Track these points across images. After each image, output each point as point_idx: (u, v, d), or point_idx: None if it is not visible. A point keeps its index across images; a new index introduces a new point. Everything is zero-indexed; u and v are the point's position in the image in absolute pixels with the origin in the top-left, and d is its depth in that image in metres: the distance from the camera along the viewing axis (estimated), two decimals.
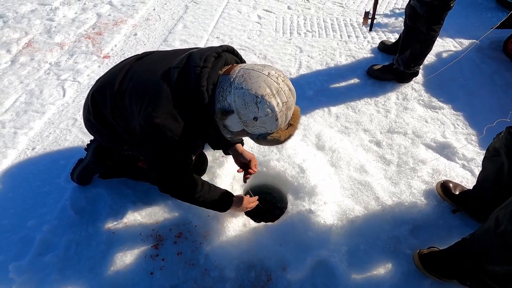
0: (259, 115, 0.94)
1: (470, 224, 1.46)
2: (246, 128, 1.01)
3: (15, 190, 1.65)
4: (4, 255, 1.39)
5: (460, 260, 1.18)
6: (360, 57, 2.45)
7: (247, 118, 0.96)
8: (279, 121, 0.96)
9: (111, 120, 1.26)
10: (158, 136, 1.03)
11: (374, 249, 1.37)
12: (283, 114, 0.96)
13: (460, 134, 1.85)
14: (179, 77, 1.05)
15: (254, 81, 0.94)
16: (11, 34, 2.79)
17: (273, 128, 0.98)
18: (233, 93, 0.95)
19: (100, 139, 1.45)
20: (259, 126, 0.97)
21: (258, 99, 0.92)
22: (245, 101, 0.93)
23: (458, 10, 2.93)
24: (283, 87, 0.95)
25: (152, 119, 1.01)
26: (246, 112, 0.95)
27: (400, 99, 2.10)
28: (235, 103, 0.95)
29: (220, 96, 1.00)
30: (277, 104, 0.93)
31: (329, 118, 1.99)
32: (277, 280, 1.31)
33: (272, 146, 1.07)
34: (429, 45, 2.01)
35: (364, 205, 1.53)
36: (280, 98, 0.94)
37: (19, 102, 2.16)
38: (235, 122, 1.00)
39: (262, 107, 0.92)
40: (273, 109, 0.93)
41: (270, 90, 0.93)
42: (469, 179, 1.63)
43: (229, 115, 0.99)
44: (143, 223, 1.48)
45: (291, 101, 0.98)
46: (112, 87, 1.19)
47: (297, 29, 2.79)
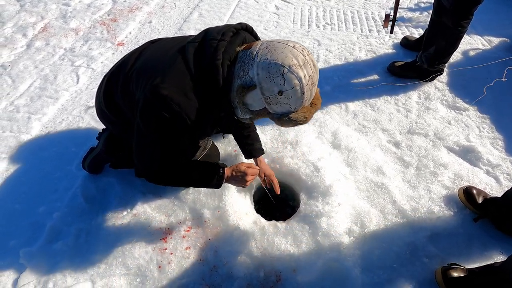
0: (285, 87, 0.88)
1: (492, 234, 1.38)
2: (268, 107, 0.94)
3: (27, 175, 1.66)
4: (16, 240, 1.40)
5: (488, 286, 1.11)
6: (381, 53, 2.34)
7: (271, 93, 0.90)
8: (305, 96, 0.90)
9: (122, 106, 1.24)
10: (163, 109, 0.94)
11: (389, 255, 1.32)
12: (309, 88, 0.90)
13: (486, 138, 1.75)
14: (194, 52, 0.99)
15: (280, 52, 0.88)
16: (27, 18, 2.79)
17: (298, 104, 0.92)
18: (256, 65, 0.89)
19: (111, 128, 1.43)
20: (283, 103, 0.91)
21: (284, 70, 0.86)
22: (270, 73, 0.88)
23: (488, 6, 2.77)
24: (309, 60, 0.90)
25: (158, 90, 0.94)
26: (270, 86, 0.89)
27: (422, 99, 2.00)
28: (259, 76, 0.89)
29: (241, 71, 0.93)
30: (304, 76, 0.88)
31: (346, 116, 1.91)
32: (286, 281, 1.27)
33: (294, 127, 1.00)
34: (456, 42, 1.89)
35: (380, 209, 1.47)
36: (306, 70, 0.88)
37: (34, 87, 2.16)
38: (257, 99, 0.94)
39: (289, 78, 0.87)
40: (300, 80, 0.87)
41: (297, 61, 0.87)
42: (493, 186, 1.55)
43: (251, 90, 0.92)
44: (153, 215, 1.46)
45: (316, 77, 0.92)
46: (125, 68, 1.17)
47: (315, 21, 2.69)
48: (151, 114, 0.99)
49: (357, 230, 1.39)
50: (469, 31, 2.47)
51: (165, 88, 0.94)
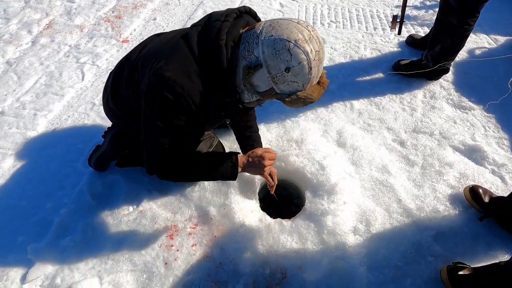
0: (291, 64, 0.86)
1: (498, 233, 1.38)
2: (275, 86, 0.92)
3: (34, 171, 1.67)
4: (23, 236, 1.41)
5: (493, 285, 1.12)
6: (386, 51, 2.33)
7: (278, 71, 0.88)
8: (312, 72, 0.88)
9: (126, 98, 1.24)
10: (166, 91, 0.93)
11: (394, 254, 1.32)
12: (316, 64, 0.88)
13: (491, 138, 1.75)
14: (198, 34, 0.98)
15: (285, 27, 0.86)
16: (32, 14, 2.79)
17: (305, 81, 0.90)
18: (261, 43, 0.88)
19: (116, 123, 1.44)
20: (290, 81, 0.89)
21: (291, 44, 0.84)
22: (276, 49, 0.86)
23: (493, 4, 2.75)
24: (314, 35, 0.88)
25: (162, 72, 0.94)
26: (276, 63, 0.87)
27: (428, 97, 1.99)
28: (264, 54, 0.88)
29: (245, 52, 0.92)
30: (311, 51, 0.86)
31: (352, 114, 1.91)
32: (292, 278, 1.28)
33: (303, 106, 0.96)
34: (462, 40, 1.88)
35: (386, 207, 1.47)
36: (313, 45, 0.86)
37: (39, 83, 2.17)
38: (264, 79, 0.92)
39: (295, 53, 0.85)
40: (307, 55, 0.85)
41: (302, 35, 0.86)
42: (498, 186, 1.54)
43: (257, 70, 0.91)
44: (159, 212, 1.47)
45: (322, 53, 0.90)
46: (131, 59, 1.18)
47: (320, 19, 2.68)
48: (155, 97, 0.97)
49: (363, 229, 1.39)
50: (475, 30, 2.45)
51: (168, 70, 0.94)
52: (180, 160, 1.11)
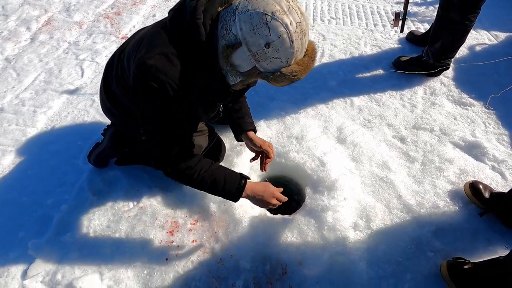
0: (271, 38, 0.80)
1: (497, 228, 1.39)
2: (257, 65, 0.87)
3: (34, 168, 1.66)
4: (24, 232, 1.42)
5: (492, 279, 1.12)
6: (386, 48, 2.33)
7: (258, 48, 0.83)
8: (294, 45, 0.82)
9: (118, 95, 1.23)
10: (151, 81, 0.90)
11: (394, 249, 1.33)
12: (298, 37, 0.82)
13: (491, 134, 1.75)
14: (173, 16, 0.94)
15: (261, 0, 0.81)
16: (31, 11, 2.78)
17: (289, 56, 0.84)
18: (238, 20, 0.82)
19: (115, 121, 1.43)
20: (272, 57, 0.84)
21: (267, 17, 0.79)
22: (253, 24, 0.80)
23: (494, 1, 2.74)
24: (294, 6, 0.82)
25: (144, 61, 0.91)
26: (256, 39, 0.82)
27: (428, 94, 1.99)
28: (242, 31, 0.82)
29: (224, 31, 0.87)
30: (291, 23, 0.80)
31: (352, 111, 1.91)
32: (293, 274, 1.28)
33: (290, 83, 0.90)
34: (462, 37, 1.88)
35: (386, 203, 1.47)
36: (292, 16, 0.81)
37: (38, 80, 2.16)
38: (244, 57, 0.86)
39: (273, 26, 0.79)
40: (287, 27, 0.79)
41: (280, 6, 0.80)
42: (498, 182, 1.55)
43: (236, 49, 0.86)
44: (159, 208, 1.47)
45: (304, 24, 0.84)
46: (118, 56, 1.18)
47: (320, 16, 2.67)
48: (142, 88, 0.95)
49: (363, 225, 1.40)
50: (476, 26, 2.44)
51: (149, 58, 0.91)
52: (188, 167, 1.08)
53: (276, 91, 2.02)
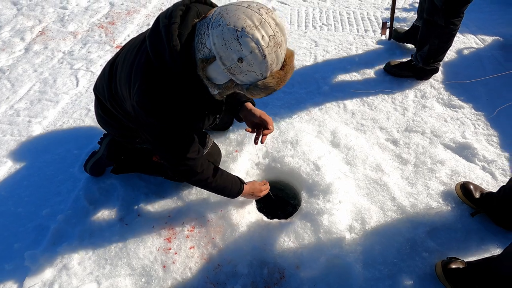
0: (243, 53, 0.80)
1: (489, 228, 1.42)
2: (233, 77, 0.88)
3: (30, 178, 1.66)
4: (20, 243, 1.41)
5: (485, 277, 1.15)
6: (377, 53, 2.38)
7: (231, 62, 0.83)
8: (268, 59, 0.82)
9: (113, 110, 1.27)
10: (150, 114, 1.00)
11: (389, 251, 1.35)
12: (272, 50, 0.82)
13: (481, 135, 1.79)
14: (152, 45, 0.95)
15: (232, 15, 0.81)
16: (25, 22, 2.79)
17: (263, 70, 0.84)
18: (211, 34, 0.82)
19: (111, 132, 1.45)
20: (247, 71, 0.84)
21: (238, 33, 0.79)
22: (225, 40, 0.80)
23: (481, 5, 2.83)
24: (267, 18, 0.81)
25: (140, 96, 0.98)
26: (228, 54, 0.82)
27: (419, 97, 2.04)
28: (215, 46, 0.82)
29: (199, 44, 0.87)
30: (262, 37, 0.79)
31: (345, 115, 1.94)
32: (290, 278, 1.29)
33: (267, 95, 0.90)
34: (449, 40, 1.93)
35: (380, 205, 1.50)
36: (264, 30, 0.80)
37: (33, 90, 2.17)
38: (219, 71, 0.87)
39: (244, 41, 0.79)
40: (257, 42, 0.79)
41: (251, 21, 0.79)
42: (489, 182, 1.58)
43: (211, 63, 0.86)
44: (156, 215, 1.48)
45: (279, 36, 0.83)
46: (107, 76, 1.23)
47: (312, 22, 2.72)
48: (145, 123, 1.06)
49: (358, 227, 1.41)
50: (463, 30, 2.52)
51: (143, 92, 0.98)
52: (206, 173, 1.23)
53: (269, 97, 2.05)
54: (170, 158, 1.15)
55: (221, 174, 1.30)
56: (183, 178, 1.24)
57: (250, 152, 1.70)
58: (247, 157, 1.67)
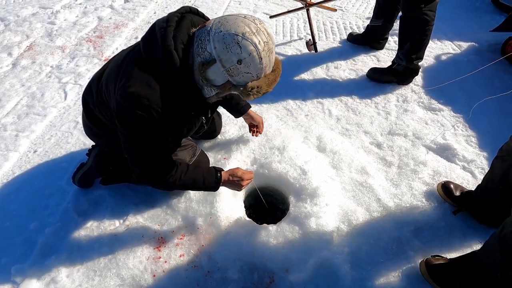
0: (242, 56, 0.92)
1: (471, 225, 1.46)
2: (231, 79, 0.98)
3: (17, 192, 1.65)
4: (7, 257, 1.39)
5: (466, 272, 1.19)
6: (360, 60, 2.46)
7: (231, 64, 0.94)
8: (263, 62, 0.94)
9: (102, 119, 1.28)
10: (134, 107, 0.98)
11: (376, 251, 1.38)
12: (266, 54, 0.94)
13: (460, 136, 1.86)
14: (146, 46, 1.03)
15: (232, 23, 0.92)
16: (12, 37, 2.80)
17: (258, 71, 0.96)
18: (212, 39, 0.93)
19: (99, 142, 1.46)
20: (244, 72, 0.95)
21: (239, 38, 0.91)
22: (226, 43, 0.91)
23: (457, 13, 2.97)
24: (262, 28, 0.94)
25: (126, 90, 0.99)
26: (228, 56, 0.93)
27: (400, 101, 2.11)
28: (216, 49, 0.93)
29: (199, 49, 0.97)
30: (259, 42, 0.92)
31: (330, 120, 2.00)
32: (280, 281, 1.31)
33: (259, 96, 1.01)
34: (428, 32, 2.00)
35: (366, 207, 1.53)
36: (260, 37, 0.93)
37: (21, 105, 2.17)
38: (219, 73, 0.97)
39: (244, 45, 0.91)
40: (256, 46, 0.91)
41: (249, 28, 0.92)
42: (469, 181, 1.64)
43: (211, 65, 0.96)
44: (146, 225, 1.48)
45: (271, 44, 0.96)
46: (96, 80, 1.25)
47: (297, 32, 2.81)
48: (126, 116, 1.03)
49: (345, 228, 1.45)
50: (441, 37, 2.63)
51: (130, 86, 0.99)
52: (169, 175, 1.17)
53: (258, 105, 2.09)
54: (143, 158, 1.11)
55: (187, 168, 1.24)
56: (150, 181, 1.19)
57: (238, 159, 1.73)
58: (235, 164, 1.70)
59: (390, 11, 2.30)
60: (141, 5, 3.25)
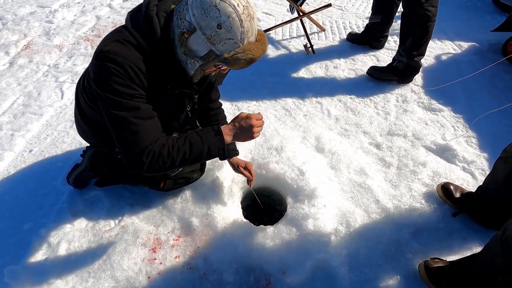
0: (222, 19, 0.88)
1: (471, 227, 1.44)
2: (213, 48, 0.93)
3: (11, 192, 1.63)
4: (1, 259, 1.37)
5: (466, 275, 1.17)
6: (359, 59, 2.44)
7: (211, 30, 0.90)
8: (244, 25, 0.90)
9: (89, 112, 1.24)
10: (110, 64, 0.94)
11: (374, 253, 1.36)
12: (247, 18, 0.90)
13: (460, 137, 1.84)
14: (131, 16, 1.02)
15: None
16: (9, 36, 2.79)
17: (241, 36, 0.91)
18: (190, 7, 0.91)
19: (91, 141, 1.42)
20: (226, 38, 0.91)
21: (216, 1, 0.88)
22: (204, 8, 0.89)
23: (457, 13, 2.95)
24: None
25: (100, 49, 0.97)
26: (208, 22, 0.89)
27: (400, 102, 2.09)
28: (195, 17, 0.91)
29: (179, 21, 0.95)
30: (238, 5, 0.89)
31: (329, 121, 1.98)
32: (276, 284, 1.29)
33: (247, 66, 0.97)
34: (429, 28, 1.97)
35: (364, 208, 1.51)
36: (239, 0, 0.89)
37: (17, 104, 2.15)
38: (200, 41, 0.93)
39: (222, 7, 0.88)
40: (234, 8, 0.88)
41: None
42: (469, 182, 1.62)
43: (191, 34, 0.93)
44: (141, 226, 1.46)
45: (251, 9, 0.93)
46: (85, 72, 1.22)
47: (296, 31, 2.79)
48: (102, 74, 0.96)
49: (343, 230, 1.43)
50: (441, 37, 2.61)
51: (105, 45, 0.97)
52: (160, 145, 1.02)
53: (254, 103, 2.07)
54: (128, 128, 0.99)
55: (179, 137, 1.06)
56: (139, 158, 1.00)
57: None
58: None
59: (388, 6, 2.28)
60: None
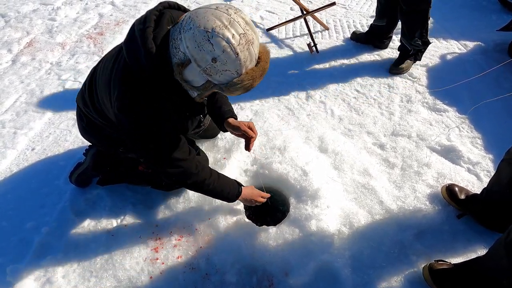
0: (216, 53, 0.83)
1: (476, 229, 1.43)
2: (210, 78, 0.90)
3: (14, 191, 1.63)
4: (3, 257, 1.38)
5: (470, 278, 1.15)
6: (363, 59, 2.42)
7: (206, 63, 0.85)
8: (241, 57, 0.85)
9: (97, 122, 1.27)
10: (133, 119, 1.00)
11: (378, 254, 1.35)
12: (244, 48, 0.84)
13: (465, 138, 1.82)
14: (128, 51, 0.96)
15: (202, 17, 0.83)
16: (12, 33, 2.78)
17: (238, 68, 0.87)
18: (183, 38, 0.85)
19: (95, 143, 1.43)
20: (222, 70, 0.87)
21: (209, 34, 0.81)
22: (197, 42, 0.83)
23: (462, 13, 2.91)
24: (236, 18, 0.84)
25: (120, 102, 0.99)
26: (202, 55, 0.84)
27: (404, 102, 2.07)
28: (189, 49, 0.85)
29: (174, 49, 0.89)
30: (233, 36, 0.82)
31: (332, 120, 1.96)
32: (279, 285, 1.28)
33: (246, 92, 0.94)
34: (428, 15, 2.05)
35: (368, 209, 1.50)
36: (235, 29, 0.83)
37: (20, 102, 2.15)
38: (196, 73, 0.89)
39: (216, 42, 0.81)
40: (228, 41, 0.82)
41: (220, 22, 0.82)
42: (474, 183, 1.60)
43: (187, 66, 0.88)
44: (143, 225, 1.46)
45: (250, 34, 0.86)
46: (87, 88, 1.23)
47: (300, 30, 2.77)
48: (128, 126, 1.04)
49: (346, 231, 1.41)
50: (446, 36, 2.59)
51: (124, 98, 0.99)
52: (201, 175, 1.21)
53: (258, 104, 2.06)
54: (160, 162, 1.12)
55: (218, 176, 1.29)
56: (179, 181, 1.20)
57: (238, 159, 1.70)
58: (235, 164, 1.67)
59: (393, 10, 2.26)
60: (142, 1, 3.21)
